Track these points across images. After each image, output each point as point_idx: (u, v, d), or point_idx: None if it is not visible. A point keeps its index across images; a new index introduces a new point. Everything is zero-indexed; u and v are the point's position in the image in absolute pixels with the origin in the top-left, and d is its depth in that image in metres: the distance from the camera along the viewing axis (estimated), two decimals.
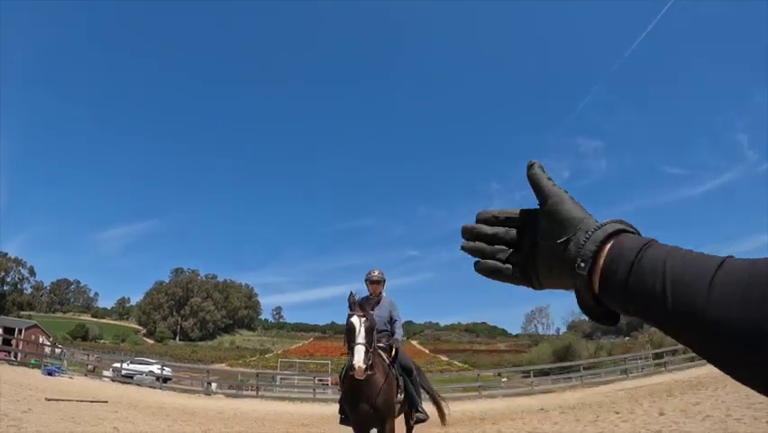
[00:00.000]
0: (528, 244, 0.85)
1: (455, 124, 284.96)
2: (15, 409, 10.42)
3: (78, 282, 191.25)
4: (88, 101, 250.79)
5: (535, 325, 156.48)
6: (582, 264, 0.71)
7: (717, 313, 0.50)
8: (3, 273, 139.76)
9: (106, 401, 15.60)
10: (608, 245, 0.70)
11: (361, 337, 5.03)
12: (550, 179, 0.85)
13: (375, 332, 5.37)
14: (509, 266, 0.86)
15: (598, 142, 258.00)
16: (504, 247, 0.87)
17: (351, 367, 4.91)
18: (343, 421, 6.37)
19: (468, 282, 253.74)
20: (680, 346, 31.82)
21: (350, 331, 5.16)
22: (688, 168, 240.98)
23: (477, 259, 0.90)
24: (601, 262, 0.69)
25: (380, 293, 6.50)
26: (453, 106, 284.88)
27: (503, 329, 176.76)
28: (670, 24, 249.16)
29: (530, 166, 0.88)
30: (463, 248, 0.92)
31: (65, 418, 10.71)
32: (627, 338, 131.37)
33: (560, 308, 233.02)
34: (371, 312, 5.43)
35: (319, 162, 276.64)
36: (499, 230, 0.88)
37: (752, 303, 0.46)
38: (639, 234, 0.73)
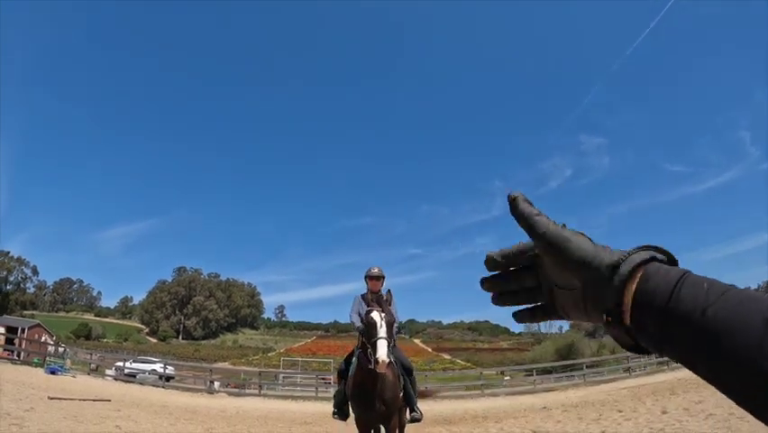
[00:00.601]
0: (546, 284, 0.78)
1: (457, 123, 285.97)
2: (18, 408, 10.43)
3: (81, 282, 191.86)
4: (89, 101, 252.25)
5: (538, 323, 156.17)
6: (610, 318, 0.64)
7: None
8: (5, 273, 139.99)
9: (109, 400, 15.60)
10: (634, 284, 0.62)
11: (382, 332, 5.01)
12: (539, 213, 0.76)
13: (394, 327, 5.35)
14: (539, 307, 0.81)
15: (601, 140, 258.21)
16: (532, 292, 0.81)
17: (374, 361, 4.85)
18: (337, 416, 6.38)
19: (470, 281, 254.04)
20: None
21: (371, 326, 5.14)
22: (690, 166, 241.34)
23: (514, 310, 0.85)
24: (629, 302, 0.62)
25: (380, 290, 6.49)
26: (455, 106, 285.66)
27: (506, 327, 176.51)
28: (671, 23, 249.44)
29: (512, 201, 0.79)
30: (495, 302, 0.86)
31: (67, 416, 10.71)
32: None
33: None
34: (390, 308, 5.41)
35: (320, 161, 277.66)
36: (525, 278, 0.81)
37: None
38: (668, 255, 0.66)
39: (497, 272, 0.83)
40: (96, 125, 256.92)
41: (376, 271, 6.71)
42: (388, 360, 4.85)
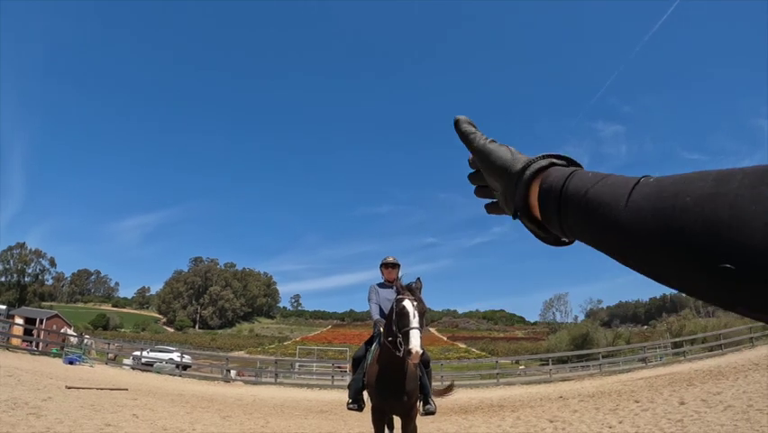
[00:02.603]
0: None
1: (474, 110, 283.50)
2: (35, 398, 10.53)
3: (99, 273, 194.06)
4: (105, 93, 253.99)
5: (554, 312, 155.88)
6: (518, 213, 0.82)
7: (631, 221, 0.58)
8: (23, 265, 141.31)
9: (126, 389, 15.72)
10: (537, 184, 0.78)
11: (415, 322, 4.83)
12: (474, 132, 0.97)
13: (425, 317, 5.18)
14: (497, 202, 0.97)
15: (618, 127, 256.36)
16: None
17: (406, 352, 4.65)
18: (353, 406, 6.30)
19: (486, 269, 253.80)
20: (698, 335, 31.67)
21: (402, 315, 4.91)
22: (707, 154, 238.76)
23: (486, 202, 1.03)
24: (535, 199, 0.78)
25: (396, 279, 6.43)
26: (473, 93, 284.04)
27: (521, 317, 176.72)
28: (688, 9, 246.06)
29: (456, 124, 1.00)
30: (477, 194, 1.06)
31: (84, 405, 10.80)
32: (645, 327, 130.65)
33: (578, 296, 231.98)
34: (421, 296, 5.20)
35: (337, 150, 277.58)
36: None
37: (660, 212, 0.54)
38: (572, 161, 0.81)
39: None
40: (112, 117, 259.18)
41: (391, 259, 6.69)
42: (421, 351, 4.69)
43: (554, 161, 0.81)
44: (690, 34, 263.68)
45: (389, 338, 5.12)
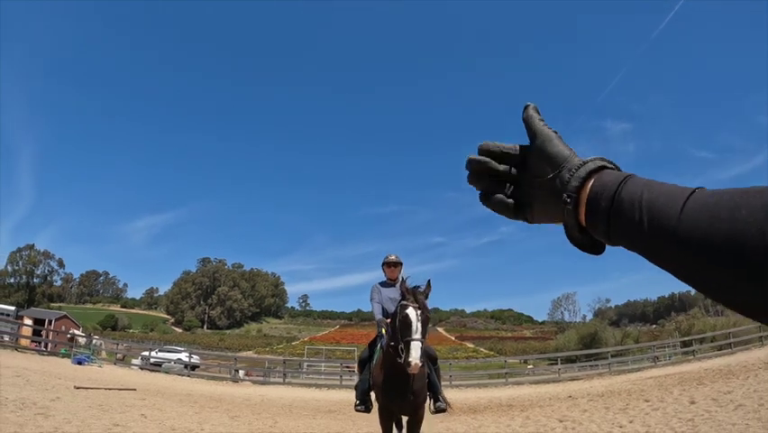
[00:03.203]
0: (524, 180, 0.92)
1: (480, 108, 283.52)
2: (44, 398, 10.55)
3: (107, 274, 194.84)
4: (112, 95, 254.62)
5: (562, 311, 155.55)
6: (568, 199, 0.79)
7: (687, 229, 0.58)
8: (32, 266, 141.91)
9: (134, 389, 15.76)
10: (591, 181, 0.77)
11: (418, 333, 4.72)
12: (542, 120, 0.93)
13: (429, 325, 5.07)
14: (512, 201, 0.93)
15: (626, 125, 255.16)
16: (508, 183, 0.95)
17: (406, 363, 4.58)
18: (361, 408, 6.27)
19: (494, 269, 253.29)
20: (707, 334, 31.52)
21: (405, 324, 4.79)
22: (716, 151, 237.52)
23: (481, 192, 0.97)
24: (585, 196, 0.77)
25: (398, 277, 6.39)
26: (479, 91, 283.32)
27: (529, 316, 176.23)
28: (696, 6, 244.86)
29: (525, 108, 0.95)
30: (470, 182, 0.98)
31: (93, 405, 10.81)
32: (654, 326, 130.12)
33: (586, 295, 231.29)
34: (426, 302, 5.07)
35: (346, 151, 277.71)
36: (506, 166, 0.94)
37: (717, 222, 0.54)
38: (620, 169, 0.80)
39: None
40: (116, 117, 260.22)
41: (393, 258, 6.61)
42: (421, 363, 4.60)
43: (607, 164, 0.81)
44: (696, 32, 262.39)
45: (392, 343, 5.06)
